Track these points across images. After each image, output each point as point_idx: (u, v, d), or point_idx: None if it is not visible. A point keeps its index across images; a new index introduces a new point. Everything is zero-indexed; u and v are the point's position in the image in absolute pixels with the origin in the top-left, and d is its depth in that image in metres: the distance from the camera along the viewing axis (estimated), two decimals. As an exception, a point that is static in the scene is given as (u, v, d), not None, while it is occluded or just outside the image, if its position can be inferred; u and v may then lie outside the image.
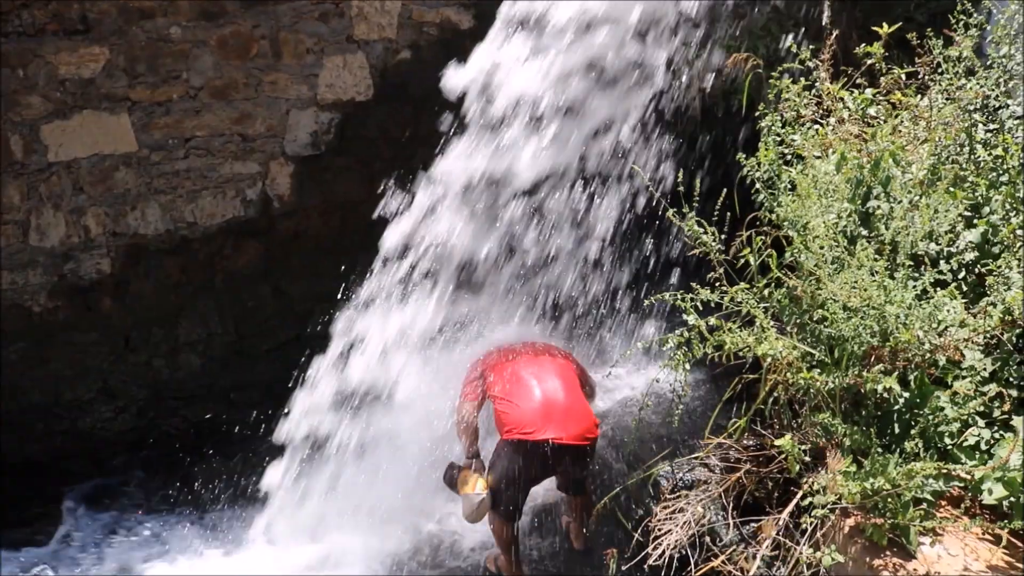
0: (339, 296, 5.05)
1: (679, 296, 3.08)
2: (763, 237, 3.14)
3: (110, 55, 5.19)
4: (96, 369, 5.68)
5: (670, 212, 3.10)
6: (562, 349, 4.81)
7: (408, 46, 5.80)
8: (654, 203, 3.46)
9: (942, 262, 2.96)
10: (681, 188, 3.26)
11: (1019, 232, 2.81)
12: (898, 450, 2.65)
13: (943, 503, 2.64)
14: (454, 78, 4.86)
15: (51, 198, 5.28)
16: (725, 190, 3.27)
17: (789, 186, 3.21)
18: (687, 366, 3.09)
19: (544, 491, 4.78)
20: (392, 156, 5.77)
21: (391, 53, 5.78)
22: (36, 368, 5.48)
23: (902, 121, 3.50)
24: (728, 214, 3.15)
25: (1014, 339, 2.72)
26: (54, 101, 5.14)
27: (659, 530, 3.06)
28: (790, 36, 3.88)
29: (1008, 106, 3.17)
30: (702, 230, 3.03)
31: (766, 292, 3.03)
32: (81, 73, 5.16)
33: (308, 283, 5.89)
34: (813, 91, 3.60)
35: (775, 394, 3.04)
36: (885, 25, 3.57)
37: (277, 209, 5.83)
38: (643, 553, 3.02)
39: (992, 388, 2.64)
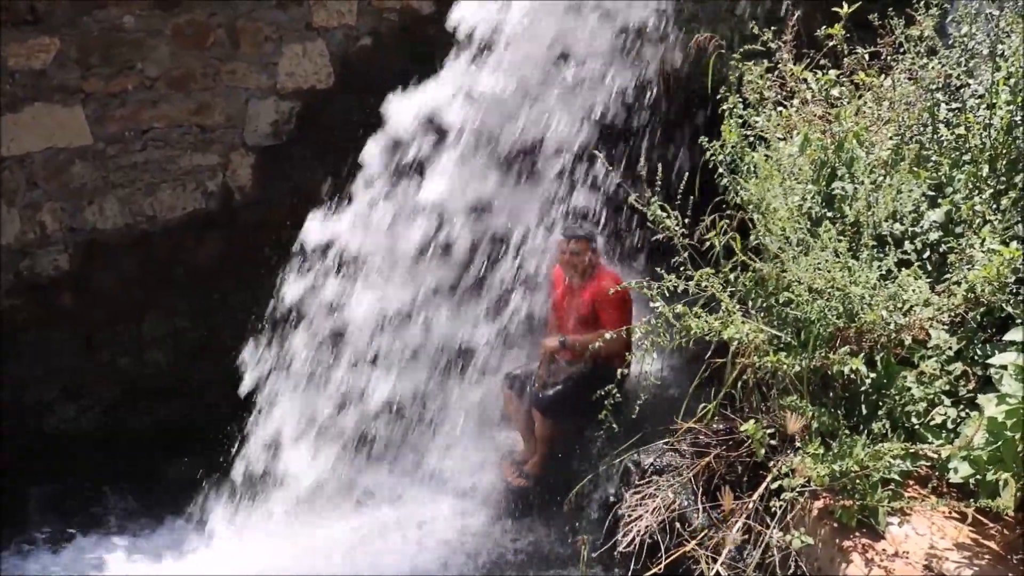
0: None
1: (645, 283, 3.05)
2: (728, 221, 3.13)
3: (61, 46, 5.05)
4: (60, 368, 5.56)
5: (632, 197, 3.07)
6: None
7: (369, 33, 5.71)
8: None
9: (906, 242, 2.96)
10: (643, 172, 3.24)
11: (979, 209, 2.82)
12: (866, 431, 2.65)
13: (911, 483, 2.65)
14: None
15: (4, 194, 5.15)
16: (688, 173, 3.25)
17: (752, 169, 3.19)
18: (655, 354, 3.07)
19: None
20: (355, 145, 5.68)
21: (351, 40, 5.69)
22: (-2, 368, 5.36)
23: (865, 102, 3.49)
24: (691, 198, 3.12)
25: (978, 317, 2.73)
26: (4, 94, 4.99)
27: (629, 516, 3.04)
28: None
29: (969, 85, 3.18)
30: (666, 214, 3.01)
31: (731, 276, 3.01)
32: (32, 64, 5.02)
33: (273, 274, 5.80)
34: (776, 72, 3.58)
35: (744, 378, 3.04)
36: (845, 5, 3.56)
37: (239, 201, 5.73)
38: (613, 540, 3.01)
39: (957, 367, 2.65)
